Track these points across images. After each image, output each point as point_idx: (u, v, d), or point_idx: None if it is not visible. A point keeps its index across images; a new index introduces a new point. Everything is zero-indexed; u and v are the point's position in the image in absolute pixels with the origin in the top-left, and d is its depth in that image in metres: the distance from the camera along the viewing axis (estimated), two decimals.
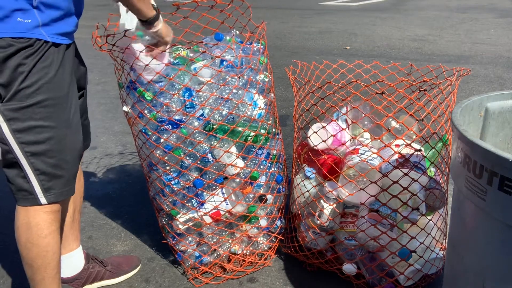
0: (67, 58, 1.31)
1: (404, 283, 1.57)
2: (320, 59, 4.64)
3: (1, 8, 1.15)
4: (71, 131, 1.35)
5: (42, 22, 1.21)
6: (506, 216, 0.95)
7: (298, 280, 1.75)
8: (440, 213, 1.61)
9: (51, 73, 1.25)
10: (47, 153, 1.29)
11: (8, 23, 1.17)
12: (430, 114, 1.51)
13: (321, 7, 8.94)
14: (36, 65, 1.22)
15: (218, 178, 1.63)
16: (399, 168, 1.47)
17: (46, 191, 1.32)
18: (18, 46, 1.18)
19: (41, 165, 1.29)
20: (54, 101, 1.27)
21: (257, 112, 1.65)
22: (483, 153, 0.96)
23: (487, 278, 1.06)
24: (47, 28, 1.23)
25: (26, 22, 1.19)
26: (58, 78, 1.27)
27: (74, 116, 1.35)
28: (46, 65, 1.24)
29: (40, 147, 1.27)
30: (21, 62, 1.19)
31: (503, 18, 7.02)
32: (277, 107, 1.91)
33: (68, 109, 1.32)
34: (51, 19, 1.23)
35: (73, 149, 1.37)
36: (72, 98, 1.35)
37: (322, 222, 1.64)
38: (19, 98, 1.22)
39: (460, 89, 3.76)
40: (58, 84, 1.28)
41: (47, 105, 1.26)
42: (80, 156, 1.43)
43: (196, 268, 1.78)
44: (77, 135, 1.39)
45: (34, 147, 1.27)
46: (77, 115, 1.38)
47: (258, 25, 1.70)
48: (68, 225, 1.62)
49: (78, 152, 1.40)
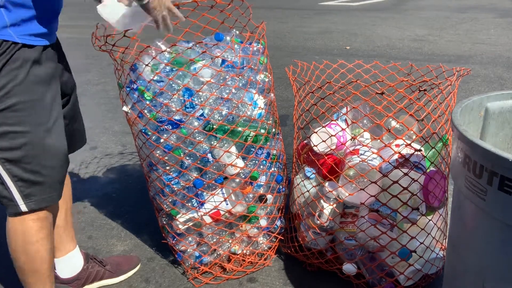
0: (45, 59, 1.24)
1: (404, 283, 1.57)
2: (320, 59, 4.64)
3: None
4: (51, 135, 1.28)
5: (10, 22, 1.15)
6: (506, 216, 0.95)
7: (298, 280, 1.75)
8: (440, 213, 1.61)
9: (21, 75, 1.19)
10: (23, 159, 1.24)
11: None
12: (430, 114, 1.51)
13: (321, 7, 8.94)
14: (4, 67, 1.16)
15: (218, 178, 1.63)
16: (399, 168, 1.47)
17: (25, 198, 1.28)
18: None
19: (18, 171, 1.25)
20: (27, 104, 1.21)
21: (257, 112, 1.65)
22: (483, 153, 0.96)
23: (487, 278, 1.06)
24: (16, 28, 1.17)
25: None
26: (30, 81, 1.21)
27: (56, 120, 1.30)
28: (16, 67, 1.18)
29: (15, 153, 1.23)
30: None
31: (503, 18, 7.02)
32: (277, 107, 1.91)
33: (46, 112, 1.26)
34: (21, 19, 1.17)
35: (54, 155, 1.31)
36: (53, 102, 1.29)
37: (322, 222, 1.64)
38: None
39: (460, 89, 3.75)
40: (30, 86, 1.21)
41: (19, 109, 1.20)
42: (67, 161, 1.37)
43: (196, 268, 1.78)
44: (59, 140, 1.32)
45: (8, 153, 1.22)
46: (60, 119, 1.32)
47: (258, 25, 1.69)
48: (62, 228, 1.60)
49: (62, 157, 1.34)
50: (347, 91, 1.58)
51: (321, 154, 1.70)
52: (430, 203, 1.49)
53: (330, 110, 1.62)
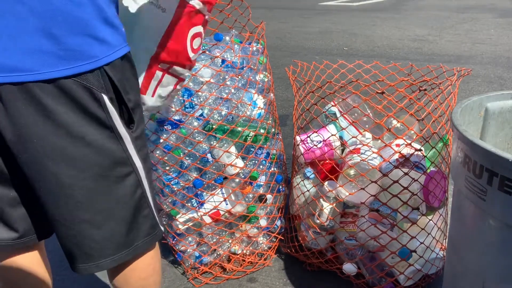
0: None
1: (404, 283, 1.57)
2: (320, 59, 4.64)
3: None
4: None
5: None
6: (506, 216, 0.95)
7: (298, 280, 1.75)
8: (440, 213, 1.61)
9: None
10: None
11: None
12: (431, 114, 1.51)
13: (321, 7, 8.94)
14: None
15: (217, 178, 1.63)
16: (399, 168, 1.47)
17: (158, 218, 1.10)
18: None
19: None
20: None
21: (257, 112, 1.65)
22: (483, 153, 0.96)
23: (487, 278, 1.06)
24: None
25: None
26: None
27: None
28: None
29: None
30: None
31: (503, 18, 7.02)
32: (277, 107, 1.91)
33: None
34: None
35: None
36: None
37: (322, 221, 1.64)
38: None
39: (460, 89, 3.75)
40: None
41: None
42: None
43: (196, 268, 1.78)
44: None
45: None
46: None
47: (258, 25, 1.69)
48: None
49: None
50: (347, 91, 1.57)
51: (317, 161, 1.70)
52: (430, 203, 1.49)
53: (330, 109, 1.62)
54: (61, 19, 0.81)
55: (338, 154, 1.66)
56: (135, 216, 1.01)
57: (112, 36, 0.89)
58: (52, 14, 0.81)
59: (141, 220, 1.02)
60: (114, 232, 0.99)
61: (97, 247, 0.98)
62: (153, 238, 1.07)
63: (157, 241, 1.10)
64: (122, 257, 1.01)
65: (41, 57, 0.81)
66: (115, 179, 0.95)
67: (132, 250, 1.02)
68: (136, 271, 1.08)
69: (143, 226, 1.03)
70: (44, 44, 0.81)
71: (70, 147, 0.88)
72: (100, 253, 0.98)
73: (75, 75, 0.84)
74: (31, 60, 0.81)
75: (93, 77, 0.86)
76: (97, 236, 0.97)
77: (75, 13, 0.82)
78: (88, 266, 0.99)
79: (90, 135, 0.89)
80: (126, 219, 0.99)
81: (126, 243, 1.01)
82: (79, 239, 0.96)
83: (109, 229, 0.98)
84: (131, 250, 1.02)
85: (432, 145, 1.62)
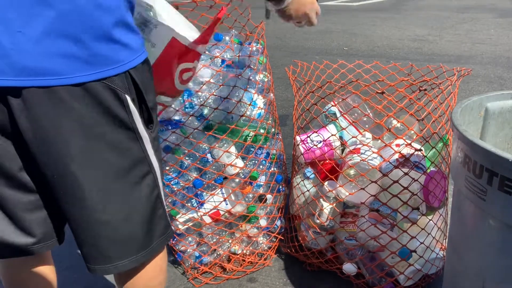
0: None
1: (404, 283, 1.57)
2: (320, 59, 4.63)
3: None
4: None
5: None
6: (506, 216, 0.95)
7: (298, 280, 1.75)
8: (440, 213, 1.61)
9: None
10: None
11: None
12: (431, 114, 1.51)
13: (321, 7, 8.89)
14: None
15: (217, 178, 1.63)
16: (399, 167, 1.47)
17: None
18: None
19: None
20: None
21: (257, 112, 1.65)
22: (483, 153, 0.96)
23: (487, 278, 1.06)
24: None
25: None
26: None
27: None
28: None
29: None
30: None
31: (503, 18, 7.01)
32: (277, 107, 1.91)
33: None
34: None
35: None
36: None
37: (322, 221, 1.64)
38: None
39: (460, 89, 3.74)
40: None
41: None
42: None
43: (196, 268, 1.78)
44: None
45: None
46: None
47: (257, 25, 1.70)
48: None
49: None
50: (347, 91, 1.57)
51: (317, 162, 1.70)
52: (430, 203, 1.48)
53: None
54: (90, 24, 0.82)
55: (338, 154, 1.66)
56: (152, 217, 1.01)
57: (134, 41, 0.91)
58: (80, 20, 0.81)
59: (156, 220, 1.02)
60: (133, 234, 0.99)
61: (116, 248, 0.98)
62: (166, 237, 1.07)
63: (169, 240, 1.10)
64: (140, 258, 1.01)
65: (69, 61, 0.82)
66: (135, 180, 0.96)
67: (149, 251, 1.02)
68: (144, 272, 1.07)
69: (158, 226, 1.03)
70: (72, 49, 0.82)
71: (94, 149, 0.89)
72: (119, 254, 0.98)
73: (102, 78, 0.86)
74: (59, 64, 0.81)
75: (118, 79, 0.88)
76: (117, 238, 0.97)
77: (102, 19, 0.84)
78: (107, 268, 0.98)
79: (113, 136, 0.90)
80: (144, 220, 0.99)
81: (144, 244, 1.01)
82: (98, 241, 0.96)
83: (128, 230, 0.98)
84: (149, 251, 1.02)
85: (432, 145, 1.62)
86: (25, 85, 0.81)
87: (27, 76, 0.81)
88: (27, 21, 0.78)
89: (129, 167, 0.94)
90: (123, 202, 0.95)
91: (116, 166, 0.92)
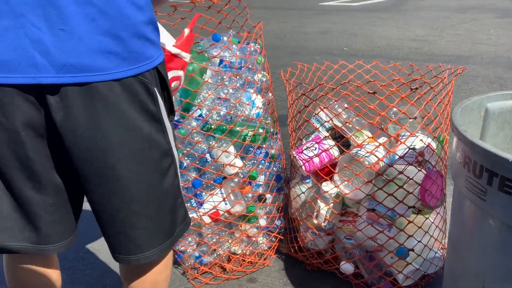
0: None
1: (402, 282, 1.56)
2: (320, 59, 4.63)
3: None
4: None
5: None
6: (506, 216, 0.95)
7: (298, 280, 1.74)
8: (438, 212, 1.61)
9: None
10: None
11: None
12: (425, 113, 1.50)
13: (321, 7, 8.94)
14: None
15: (216, 178, 1.63)
16: (403, 166, 1.47)
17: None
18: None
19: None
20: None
21: (255, 111, 1.65)
22: (483, 153, 0.96)
23: (487, 278, 1.06)
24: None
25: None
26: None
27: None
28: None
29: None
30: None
31: (503, 18, 7.02)
32: (277, 108, 1.91)
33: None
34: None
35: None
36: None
37: (319, 222, 1.64)
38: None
39: (460, 89, 3.75)
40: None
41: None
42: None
43: (196, 268, 1.78)
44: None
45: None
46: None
47: (255, 25, 1.69)
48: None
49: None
50: (335, 92, 1.55)
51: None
52: (426, 201, 1.48)
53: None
54: (127, 22, 0.86)
55: (335, 154, 1.65)
56: (175, 205, 1.05)
57: (158, 38, 0.95)
58: (119, 17, 0.85)
59: (178, 208, 1.06)
60: (163, 223, 1.03)
61: (149, 238, 1.01)
62: (186, 225, 1.10)
63: (188, 228, 1.13)
64: (167, 246, 1.04)
65: (108, 57, 0.85)
66: (163, 171, 1.00)
67: (173, 239, 1.06)
68: (151, 266, 1.10)
69: (179, 213, 1.07)
70: (111, 45, 0.85)
71: (132, 142, 0.93)
72: (150, 244, 1.01)
73: (138, 74, 0.90)
74: (99, 61, 0.84)
75: (149, 74, 0.92)
76: (149, 227, 1.01)
77: (137, 16, 0.88)
78: (138, 257, 1.01)
79: (147, 129, 0.94)
80: (170, 209, 1.04)
81: (170, 232, 1.05)
82: (131, 232, 0.99)
83: (158, 219, 1.02)
84: (172, 239, 1.05)
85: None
86: (65, 82, 0.84)
87: (68, 72, 0.83)
88: (69, 19, 0.81)
89: (159, 159, 0.98)
90: (155, 192, 0.99)
91: (150, 158, 0.96)
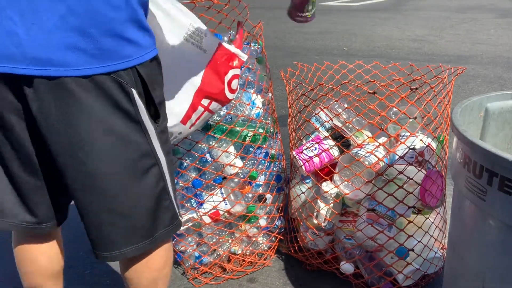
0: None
1: (402, 282, 1.56)
2: (320, 59, 4.63)
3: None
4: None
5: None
6: (506, 216, 0.95)
7: (298, 280, 1.74)
8: (438, 212, 1.61)
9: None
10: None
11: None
12: (425, 113, 1.50)
13: (321, 7, 8.93)
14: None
15: (216, 178, 1.63)
16: (394, 166, 1.47)
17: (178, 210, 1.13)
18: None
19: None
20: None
21: (255, 111, 1.65)
22: (483, 153, 0.96)
23: (487, 278, 1.06)
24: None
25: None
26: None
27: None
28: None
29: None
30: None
31: (503, 18, 7.02)
32: (278, 108, 1.91)
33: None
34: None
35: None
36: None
37: (319, 222, 1.64)
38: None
39: (460, 89, 3.75)
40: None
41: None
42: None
43: (196, 268, 1.78)
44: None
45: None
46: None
47: (255, 25, 1.69)
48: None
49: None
50: (335, 92, 1.55)
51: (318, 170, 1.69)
52: (426, 201, 1.48)
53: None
54: (98, 20, 0.86)
55: (335, 154, 1.65)
56: (157, 207, 1.05)
57: (143, 39, 0.94)
58: (90, 14, 0.85)
59: (162, 211, 1.06)
60: (138, 222, 1.03)
61: (123, 235, 1.02)
62: (173, 228, 1.11)
63: (176, 231, 1.15)
64: (145, 245, 1.05)
65: (77, 54, 0.86)
66: (141, 171, 1.00)
67: (153, 240, 1.06)
68: (149, 263, 1.11)
69: (163, 217, 1.07)
70: (81, 42, 0.85)
71: (100, 139, 0.93)
72: (125, 241, 1.03)
73: (110, 72, 0.89)
74: (67, 56, 0.85)
75: (125, 73, 0.91)
76: (123, 225, 1.02)
77: (111, 15, 0.87)
78: (113, 254, 1.03)
79: (119, 128, 0.94)
80: (149, 210, 1.03)
81: (149, 233, 1.05)
82: (106, 228, 1.01)
83: (134, 218, 1.02)
84: (153, 240, 1.06)
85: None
86: (35, 74, 0.85)
87: (37, 65, 0.85)
88: (41, 14, 0.83)
89: (135, 159, 0.98)
90: (131, 191, 1.00)
91: (124, 157, 0.96)
